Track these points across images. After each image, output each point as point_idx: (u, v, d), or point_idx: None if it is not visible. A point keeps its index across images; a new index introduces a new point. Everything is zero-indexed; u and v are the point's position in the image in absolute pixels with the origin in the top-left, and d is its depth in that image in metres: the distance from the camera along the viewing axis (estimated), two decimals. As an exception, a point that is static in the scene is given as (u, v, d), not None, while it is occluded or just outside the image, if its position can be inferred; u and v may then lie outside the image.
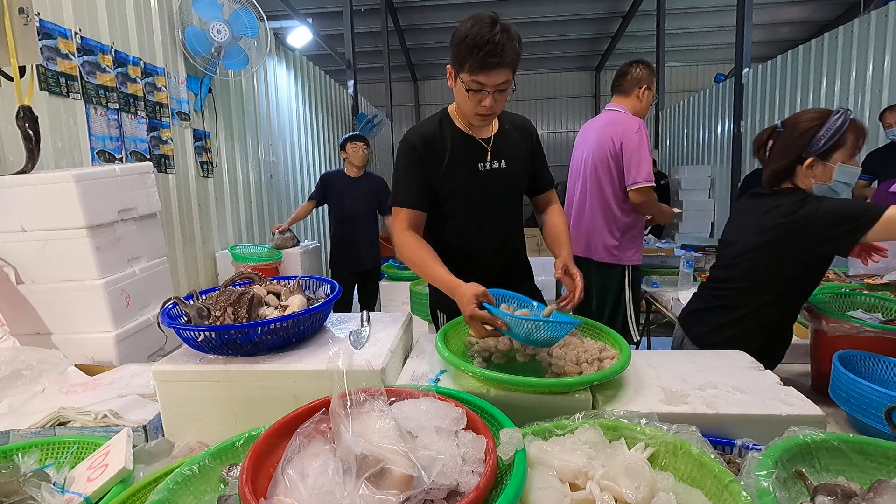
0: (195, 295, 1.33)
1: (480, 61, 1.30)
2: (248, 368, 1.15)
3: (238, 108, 4.21)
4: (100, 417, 1.21)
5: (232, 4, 3.39)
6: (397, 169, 1.52)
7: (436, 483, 0.69)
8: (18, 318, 1.80)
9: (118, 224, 1.91)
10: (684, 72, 13.24)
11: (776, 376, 1.17)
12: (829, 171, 1.43)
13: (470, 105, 1.41)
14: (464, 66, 1.33)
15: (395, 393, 0.93)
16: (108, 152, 2.73)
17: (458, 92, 1.42)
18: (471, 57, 1.30)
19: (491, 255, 1.60)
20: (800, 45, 5.19)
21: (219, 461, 0.91)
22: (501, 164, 1.55)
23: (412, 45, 11.64)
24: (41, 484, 0.89)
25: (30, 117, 1.83)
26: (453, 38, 1.34)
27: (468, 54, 1.30)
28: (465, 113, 1.46)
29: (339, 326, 1.39)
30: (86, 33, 2.59)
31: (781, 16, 10.13)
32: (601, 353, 1.20)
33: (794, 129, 1.47)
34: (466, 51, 1.30)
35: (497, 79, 1.34)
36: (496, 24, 1.29)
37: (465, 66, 1.33)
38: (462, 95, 1.41)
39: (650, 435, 0.87)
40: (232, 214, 4.08)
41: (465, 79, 1.35)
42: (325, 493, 0.69)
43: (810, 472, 0.82)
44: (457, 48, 1.33)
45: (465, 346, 1.33)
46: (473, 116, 1.45)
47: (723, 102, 6.83)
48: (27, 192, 1.74)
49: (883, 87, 4.14)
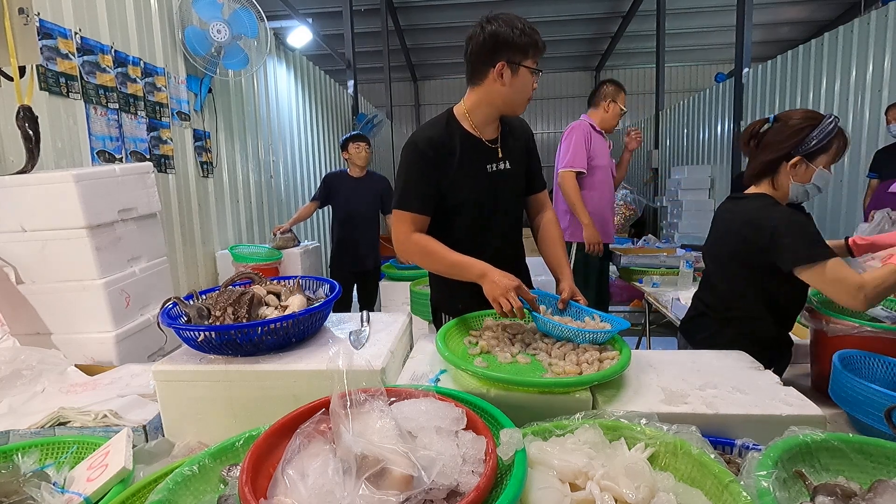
0: (195, 295, 1.33)
1: (542, 45, 1.45)
2: (248, 368, 1.15)
3: (238, 108, 4.21)
4: (100, 417, 1.21)
5: (232, 4, 3.39)
6: (404, 172, 1.51)
7: (436, 483, 0.69)
8: (18, 318, 1.80)
9: (118, 224, 1.91)
10: (684, 72, 13.25)
11: (776, 376, 1.17)
12: (811, 172, 1.46)
13: (530, 90, 1.48)
14: (528, 53, 1.43)
15: (395, 393, 0.93)
16: (108, 152, 2.73)
17: (521, 82, 1.45)
18: (535, 44, 1.43)
19: (493, 255, 1.60)
20: (800, 45, 5.18)
21: (219, 461, 0.91)
22: (507, 165, 1.56)
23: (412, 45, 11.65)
24: (41, 484, 0.89)
25: (30, 117, 1.83)
26: (507, 35, 1.41)
27: (532, 42, 1.42)
28: (523, 100, 1.50)
29: (339, 326, 1.39)
30: (86, 33, 2.59)
31: (781, 16, 10.14)
32: (601, 354, 1.20)
33: (787, 126, 1.48)
34: (529, 38, 1.41)
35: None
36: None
37: (530, 53, 1.43)
38: (524, 84, 1.46)
39: (650, 435, 0.87)
40: (232, 214, 4.08)
41: (531, 65, 1.44)
42: (325, 493, 0.69)
43: (810, 472, 0.82)
44: (520, 39, 1.41)
45: (466, 345, 1.33)
46: (524, 103, 1.51)
47: (723, 102, 6.83)
48: (27, 192, 1.74)
49: (883, 87, 4.14)
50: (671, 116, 8.80)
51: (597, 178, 3.09)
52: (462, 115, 1.54)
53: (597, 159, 3.07)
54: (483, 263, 1.40)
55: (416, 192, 1.49)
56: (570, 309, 1.43)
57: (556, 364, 1.17)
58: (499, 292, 1.33)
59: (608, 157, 3.16)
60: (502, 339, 1.32)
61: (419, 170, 1.48)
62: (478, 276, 1.39)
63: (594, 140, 3.08)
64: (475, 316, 1.47)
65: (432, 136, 1.50)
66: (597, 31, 11.11)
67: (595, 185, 3.09)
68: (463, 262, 1.43)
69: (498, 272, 1.37)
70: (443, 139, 1.50)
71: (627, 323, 1.29)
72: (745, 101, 6.15)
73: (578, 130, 3.05)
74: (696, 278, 2.84)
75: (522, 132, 1.64)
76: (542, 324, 1.33)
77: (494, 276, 1.36)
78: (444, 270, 1.51)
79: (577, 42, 11.68)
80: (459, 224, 1.56)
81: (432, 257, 1.48)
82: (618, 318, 1.32)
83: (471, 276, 1.41)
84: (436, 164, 1.48)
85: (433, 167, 1.48)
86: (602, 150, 3.11)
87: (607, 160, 3.15)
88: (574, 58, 12.65)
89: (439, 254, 1.46)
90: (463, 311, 1.48)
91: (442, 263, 1.48)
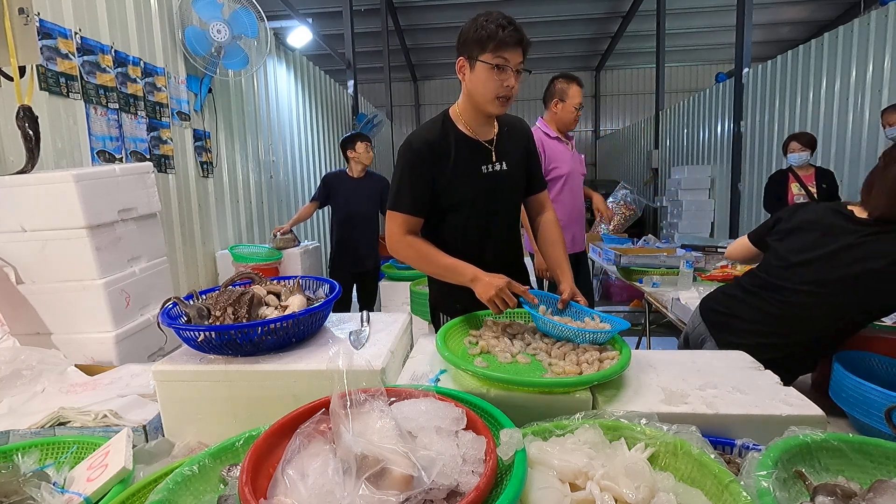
0: (195, 295, 1.33)
1: (506, 37, 1.36)
2: (248, 368, 1.14)
3: (238, 108, 4.21)
4: (100, 417, 1.21)
5: (232, 4, 3.39)
6: (399, 172, 1.51)
7: (436, 483, 0.69)
8: (18, 318, 1.80)
9: (118, 224, 1.91)
10: (684, 72, 13.26)
11: (776, 376, 1.17)
12: None
13: (493, 87, 1.41)
14: (486, 46, 1.37)
15: (395, 393, 0.93)
16: (108, 152, 2.73)
17: (478, 78, 1.41)
18: (495, 36, 1.35)
19: (491, 256, 1.60)
20: (800, 45, 5.18)
21: (219, 461, 0.91)
22: (503, 166, 1.56)
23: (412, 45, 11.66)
24: (41, 484, 0.89)
25: (30, 117, 1.83)
26: (469, 30, 1.39)
27: (491, 35, 1.36)
28: (486, 98, 1.44)
29: (339, 326, 1.39)
30: (86, 33, 2.59)
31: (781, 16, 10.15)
32: (601, 354, 1.20)
33: None
34: (489, 32, 1.36)
35: (517, 58, 1.39)
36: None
37: (489, 46, 1.37)
38: (483, 80, 1.41)
39: (650, 435, 0.87)
40: (232, 214, 4.08)
41: (488, 59, 1.38)
42: (325, 493, 0.69)
43: (810, 472, 0.82)
44: (476, 33, 1.37)
45: (466, 346, 1.33)
46: (494, 101, 1.43)
47: (723, 102, 6.83)
48: (27, 192, 1.74)
49: (883, 87, 4.14)
50: (671, 116, 8.79)
51: (557, 189, 2.82)
52: (456, 116, 1.54)
53: (556, 168, 2.82)
54: (473, 267, 1.41)
55: (410, 192, 1.49)
56: (570, 309, 1.43)
57: (556, 364, 1.17)
58: (492, 293, 1.34)
59: (570, 162, 2.88)
60: (502, 339, 1.32)
61: (414, 171, 1.49)
62: (469, 280, 1.40)
63: (548, 148, 2.82)
64: (475, 316, 1.47)
65: (427, 136, 1.50)
66: (597, 31, 11.12)
67: (557, 197, 2.80)
68: (454, 266, 1.44)
69: (487, 274, 1.38)
70: (438, 140, 1.50)
71: (627, 323, 1.29)
72: (745, 101, 6.15)
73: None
74: (696, 278, 2.84)
75: (522, 133, 1.64)
76: (542, 324, 1.33)
77: (484, 279, 1.37)
78: (435, 273, 1.52)
79: (577, 42, 11.69)
80: (455, 224, 1.56)
81: (424, 260, 1.49)
82: (618, 319, 1.32)
83: (462, 280, 1.42)
84: (431, 164, 1.49)
85: (428, 168, 1.49)
86: (560, 155, 2.85)
87: (569, 166, 2.86)
88: (574, 58, 12.65)
89: (431, 256, 1.47)
90: (462, 311, 1.48)
91: (433, 266, 1.49)
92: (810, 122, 4.98)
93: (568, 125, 2.89)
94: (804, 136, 3.78)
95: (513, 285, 1.36)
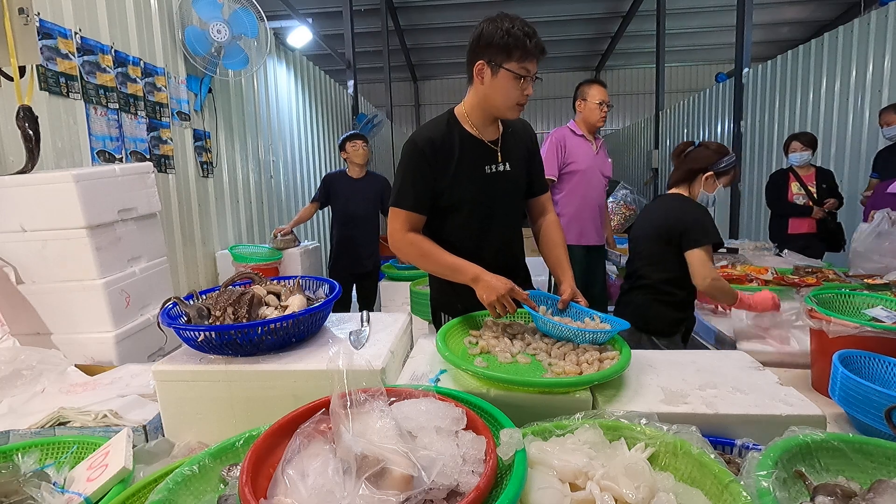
0: (195, 295, 1.33)
1: (533, 48, 1.38)
2: (248, 368, 1.15)
3: (238, 108, 4.21)
4: (100, 417, 1.21)
5: (232, 4, 3.39)
6: (402, 170, 1.51)
7: (436, 483, 0.69)
8: (18, 318, 1.80)
9: (118, 224, 1.91)
10: (684, 72, 13.25)
11: (775, 376, 1.17)
12: (714, 186, 2.05)
13: (514, 95, 1.43)
14: (512, 55, 1.38)
15: (395, 393, 0.93)
16: (108, 152, 2.73)
17: (500, 85, 1.42)
18: (523, 46, 1.37)
19: (493, 257, 1.60)
20: (800, 45, 5.18)
21: (219, 461, 0.91)
22: (506, 167, 1.56)
23: (412, 45, 11.65)
24: (41, 484, 0.89)
25: (30, 117, 1.83)
26: (492, 34, 1.38)
27: (518, 44, 1.36)
28: (507, 105, 1.45)
29: (339, 326, 1.39)
30: (86, 33, 2.59)
31: (781, 16, 10.15)
32: (601, 354, 1.20)
33: (707, 149, 2.06)
34: (516, 40, 1.36)
35: (535, 67, 1.42)
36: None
37: (515, 55, 1.38)
38: (505, 88, 1.42)
39: (650, 435, 0.87)
40: (232, 214, 4.08)
41: (513, 67, 1.39)
42: (325, 493, 0.69)
43: (810, 472, 0.82)
44: (503, 40, 1.37)
45: (466, 346, 1.34)
46: (513, 108, 1.46)
47: (723, 102, 6.83)
48: (27, 192, 1.74)
49: (883, 87, 4.14)
50: (671, 116, 8.79)
51: (573, 182, 3.08)
52: (462, 116, 1.54)
53: (574, 164, 3.07)
54: (476, 267, 1.40)
55: (412, 190, 1.49)
56: (570, 309, 1.43)
57: (556, 364, 1.17)
58: (493, 296, 1.34)
59: (591, 159, 3.12)
60: (502, 339, 1.32)
61: (417, 169, 1.49)
62: (471, 279, 1.40)
63: (570, 145, 3.08)
64: (475, 316, 1.47)
65: (432, 135, 1.50)
66: (597, 31, 11.11)
67: (570, 189, 3.09)
68: (456, 265, 1.43)
69: (491, 276, 1.37)
70: (442, 139, 1.50)
71: (627, 323, 1.29)
72: (745, 101, 6.15)
73: (549, 139, 3.11)
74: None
75: (525, 134, 1.64)
76: (542, 324, 1.33)
77: (488, 280, 1.36)
78: (437, 271, 1.52)
79: (577, 42, 11.68)
80: (457, 224, 1.56)
81: (426, 258, 1.48)
82: (618, 319, 1.32)
83: (464, 279, 1.41)
84: (434, 163, 1.48)
85: (431, 166, 1.48)
86: (582, 152, 3.09)
87: (589, 162, 3.10)
88: (574, 58, 12.65)
89: (433, 254, 1.47)
90: (463, 311, 1.48)
91: (435, 264, 1.48)
92: (810, 122, 4.98)
93: (594, 123, 3.09)
94: (805, 136, 3.79)
95: (515, 291, 1.35)
